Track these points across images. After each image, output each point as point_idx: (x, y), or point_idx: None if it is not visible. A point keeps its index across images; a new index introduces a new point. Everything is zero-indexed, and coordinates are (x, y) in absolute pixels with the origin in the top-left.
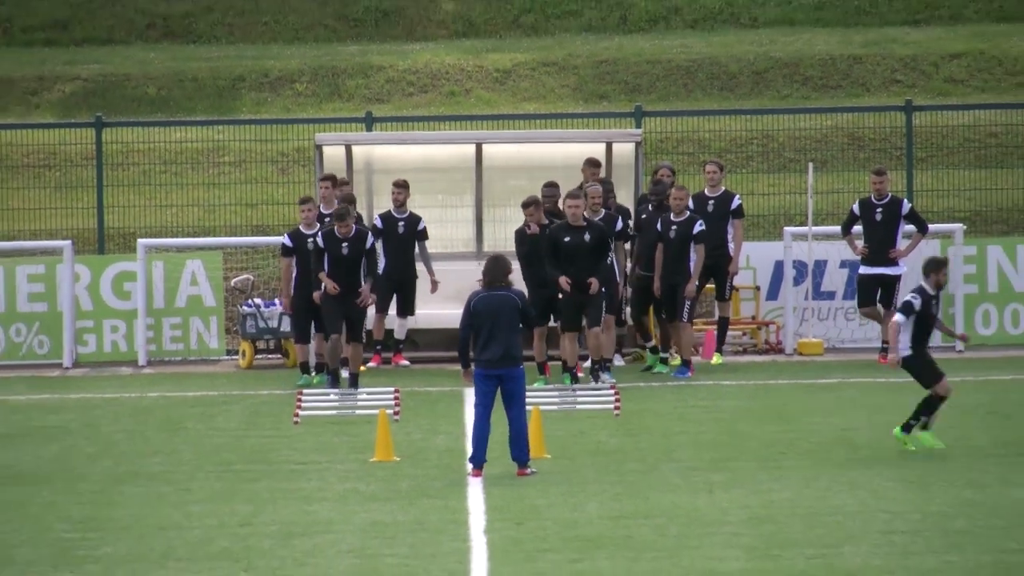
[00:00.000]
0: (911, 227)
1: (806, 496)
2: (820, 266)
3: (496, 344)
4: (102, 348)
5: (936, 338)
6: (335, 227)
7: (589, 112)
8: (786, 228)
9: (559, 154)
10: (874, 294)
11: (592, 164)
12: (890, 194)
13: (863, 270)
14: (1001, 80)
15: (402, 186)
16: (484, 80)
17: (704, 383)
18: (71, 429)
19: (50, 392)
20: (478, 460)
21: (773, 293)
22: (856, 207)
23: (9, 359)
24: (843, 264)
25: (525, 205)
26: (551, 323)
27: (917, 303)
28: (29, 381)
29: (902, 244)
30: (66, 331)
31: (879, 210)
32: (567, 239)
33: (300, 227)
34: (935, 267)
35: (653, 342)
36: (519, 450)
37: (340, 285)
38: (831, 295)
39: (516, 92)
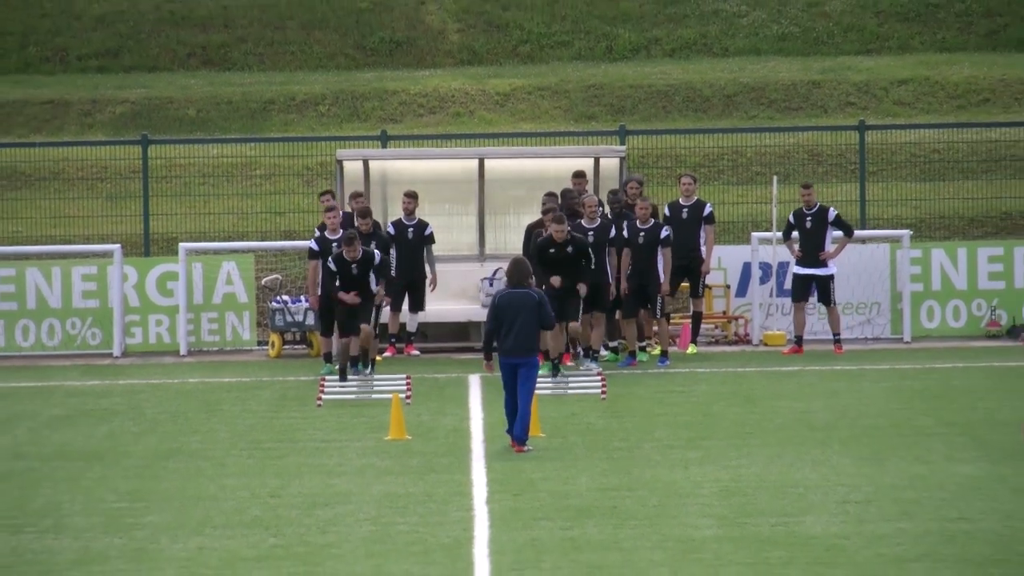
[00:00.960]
0: (839, 232)
1: (771, 471)
2: (783, 267)
3: (515, 336)
4: (147, 339)
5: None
6: (343, 250)
7: (579, 131)
8: (753, 233)
9: (552, 168)
10: (807, 291)
11: (578, 175)
12: (818, 204)
13: (798, 270)
14: (943, 103)
15: (412, 196)
16: (486, 103)
17: (681, 370)
18: (119, 411)
19: (101, 379)
20: (518, 431)
21: (742, 291)
22: (791, 217)
23: (65, 349)
24: None
25: (544, 213)
26: None
27: None
28: (83, 369)
29: (831, 248)
30: (116, 324)
31: (809, 218)
32: (552, 251)
33: (326, 233)
34: None
35: (618, 342)
36: (520, 428)
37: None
38: (789, 292)
39: (514, 113)
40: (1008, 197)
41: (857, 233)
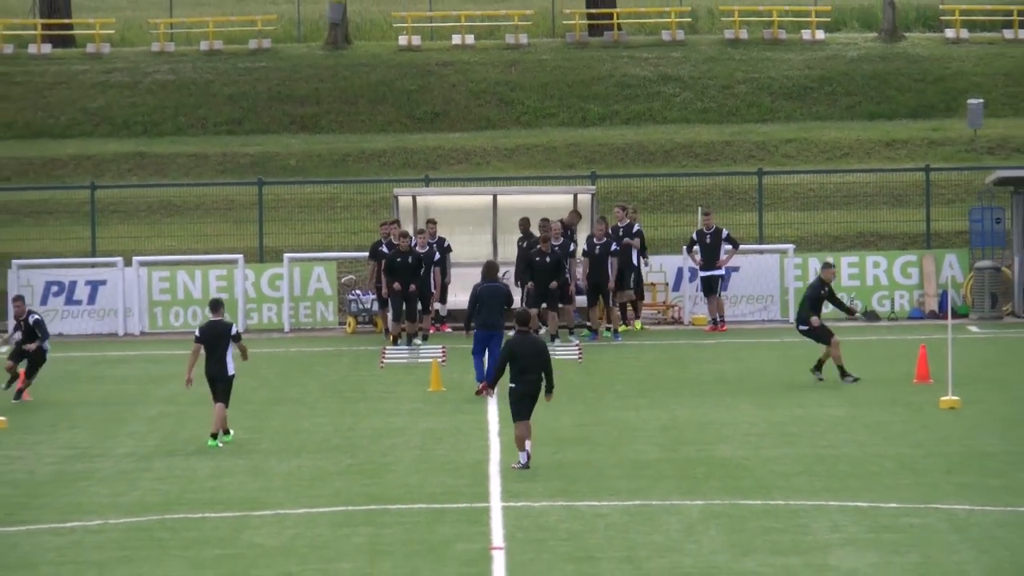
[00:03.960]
0: (729, 245)
1: (696, 413)
2: (728, 271)
3: (489, 316)
4: (261, 321)
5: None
6: (398, 241)
7: (562, 175)
8: (684, 247)
9: (544, 201)
10: (710, 288)
11: (574, 212)
12: (715, 225)
13: (703, 273)
14: (816, 156)
15: (432, 223)
16: (498, 155)
17: (633, 343)
18: (241, 371)
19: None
20: (480, 378)
21: (676, 287)
22: (695, 235)
23: None
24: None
25: (543, 232)
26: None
27: None
28: None
29: (723, 256)
30: (239, 310)
31: (708, 236)
32: (537, 259)
33: (383, 241)
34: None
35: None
36: (492, 375)
37: (402, 287)
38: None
39: (518, 163)
40: (862, 222)
41: (754, 246)
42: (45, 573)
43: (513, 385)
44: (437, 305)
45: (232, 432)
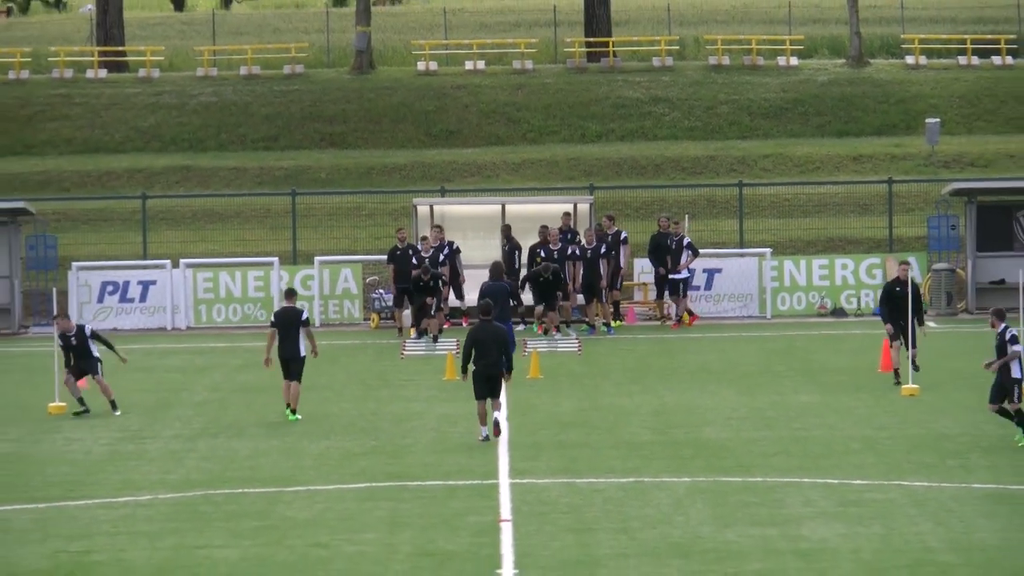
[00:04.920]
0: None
1: (684, 399)
2: (691, 272)
3: (496, 310)
4: None
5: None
6: (420, 272)
7: (564, 187)
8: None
9: (547, 210)
10: (674, 289)
11: (566, 215)
12: (680, 234)
13: (671, 276)
14: (791, 169)
15: (438, 227)
16: (506, 168)
17: (627, 336)
18: (277, 362)
19: (265, 341)
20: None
21: None
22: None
23: (243, 323)
24: (702, 272)
25: (543, 238)
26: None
27: None
28: (254, 335)
29: (684, 260)
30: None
31: (673, 244)
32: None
33: (397, 245)
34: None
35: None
36: (508, 364)
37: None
38: (696, 288)
39: (524, 175)
40: (831, 228)
41: (735, 250)
42: (101, 543)
43: (475, 368)
44: (456, 301)
45: (298, 415)
